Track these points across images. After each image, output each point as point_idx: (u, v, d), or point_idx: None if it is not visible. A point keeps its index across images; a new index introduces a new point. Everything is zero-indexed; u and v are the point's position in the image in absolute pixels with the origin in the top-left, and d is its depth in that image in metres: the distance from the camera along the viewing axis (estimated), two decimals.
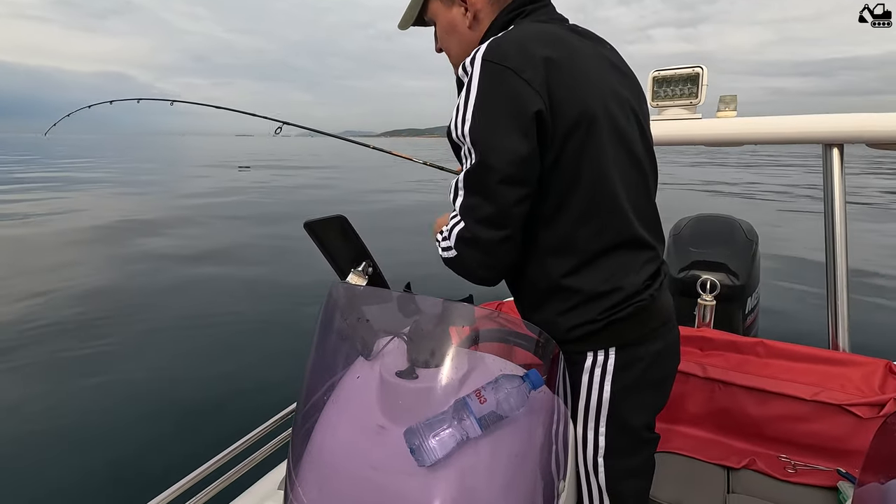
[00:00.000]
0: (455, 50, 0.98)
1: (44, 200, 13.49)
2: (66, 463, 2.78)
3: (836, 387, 1.49)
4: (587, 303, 0.86)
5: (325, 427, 0.82)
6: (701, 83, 1.77)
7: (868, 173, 17.75)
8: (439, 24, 0.98)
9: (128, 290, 5.85)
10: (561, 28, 0.89)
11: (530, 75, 0.77)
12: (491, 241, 0.80)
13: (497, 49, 0.79)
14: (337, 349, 0.91)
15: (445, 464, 0.70)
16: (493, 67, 0.78)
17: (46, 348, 4.27)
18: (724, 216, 2.54)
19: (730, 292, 2.08)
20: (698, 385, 1.63)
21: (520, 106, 0.76)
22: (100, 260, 7.33)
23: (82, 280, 6.23)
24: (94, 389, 3.57)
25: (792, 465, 1.48)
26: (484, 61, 0.79)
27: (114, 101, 2.12)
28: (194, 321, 4.89)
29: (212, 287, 6.00)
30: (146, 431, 3.06)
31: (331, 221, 1.04)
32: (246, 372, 3.85)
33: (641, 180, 0.91)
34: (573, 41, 0.86)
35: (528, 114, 0.76)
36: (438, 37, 1.00)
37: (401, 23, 1.02)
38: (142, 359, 4.07)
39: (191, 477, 1.03)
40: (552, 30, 0.87)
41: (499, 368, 0.80)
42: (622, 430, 0.91)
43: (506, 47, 0.79)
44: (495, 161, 0.77)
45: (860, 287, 5.36)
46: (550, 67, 0.78)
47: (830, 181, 1.65)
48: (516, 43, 0.80)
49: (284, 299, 5.54)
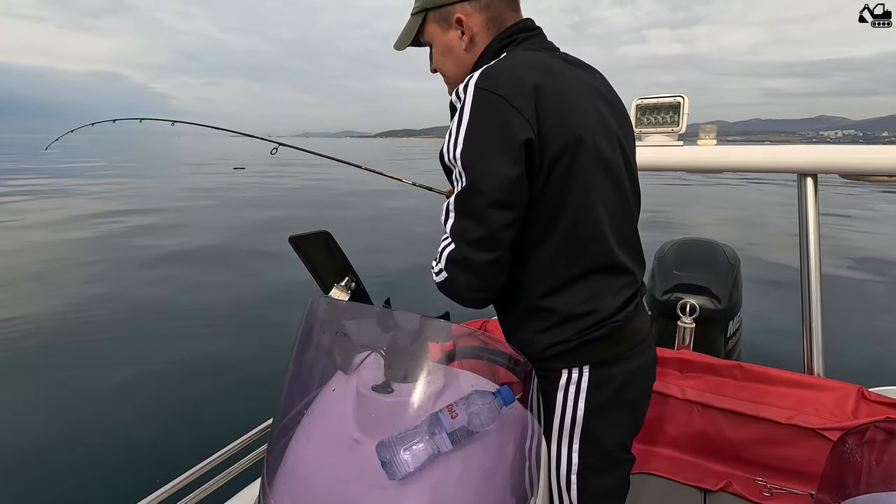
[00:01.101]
0: (451, 71, 1.01)
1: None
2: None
3: (811, 411, 1.51)
4: (563, 323, 0.89)
5: (300, 441, 0.83)
6: (682, 111, 1.83)
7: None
8: (436, 47, 1.01)
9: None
10: (552, 57, 0.93)
11: (521, 104, 0.80)
12: (480, 263, 0.82)
13: (490, 77, 0.82)
14: (315, 363, 0.92)
15: (416, 477, 0.71)
16: (486, 95, 0.81)
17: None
18: (707, 240, 2.59)
19: (712, 315, 2.11)
20: (677, 406, 1.65)
21: (510, 133, 0.79)
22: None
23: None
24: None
25: (768, 489, 1.50)
26: (477, 88, 0.82)
27: (116, 120, 2.14)
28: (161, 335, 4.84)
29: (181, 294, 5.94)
30: (115, 445, 3.00)
31: (315, 237, 1.06)
32: (222, 385, 3.81)
33: (625, 208, 0.94)
34: (563, 70, 0.89)
35: (518, 141, 0.79)
36: (434, 58, 1.03)
37: (397, 44, 1.05)
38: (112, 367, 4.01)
39: (163, 490, 1.02)
40: (543, 59, 0.90)
41: (471, 385, 0.82)
42: (595, 448, 0.93)
43: (498, 75, 0.82)
44: (485, 185, 0.79)
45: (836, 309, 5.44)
46: (540, 97, 0.82)
47: (805, 210, 1.70)
48: (508, 71, 0.83)
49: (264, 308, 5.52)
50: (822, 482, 0.74)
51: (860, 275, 7.26)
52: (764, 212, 13.69)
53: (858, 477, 0.71)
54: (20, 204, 13.64)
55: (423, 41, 1.03)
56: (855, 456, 0.72)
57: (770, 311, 5.32)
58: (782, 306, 5.47)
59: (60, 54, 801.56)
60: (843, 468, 0.71)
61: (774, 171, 1.71)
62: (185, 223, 10.92)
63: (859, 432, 0.80)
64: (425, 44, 1.03)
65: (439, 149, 0.87)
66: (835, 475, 0.73)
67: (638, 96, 1.87)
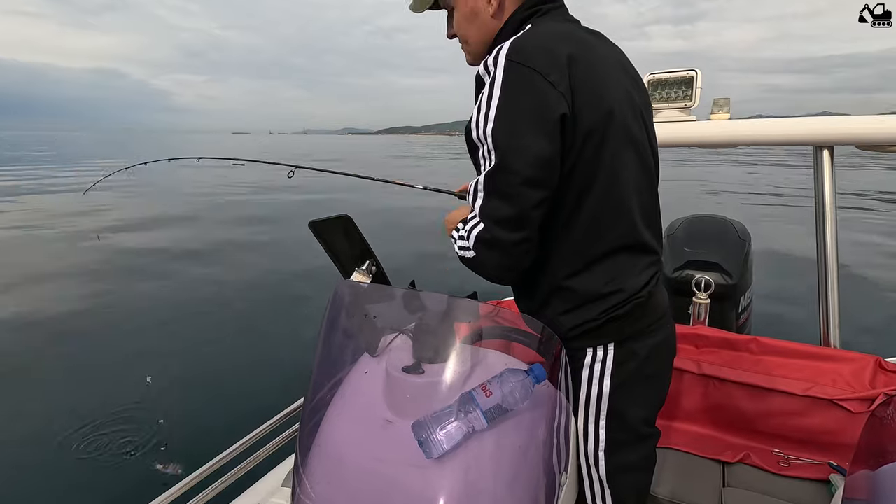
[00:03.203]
0: (474, 37, 0.96)
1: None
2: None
3: (828, 382, 1.52)
4: (589, 303, 0.88)
5: (332, 421, 0.84)
6: (695, 86, 1.80)
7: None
8: (459, 10, 0.95)
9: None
10: (578, 29, 0.90)
11: (556, 78, 0.77)
12: (510, 243, 0.80)
13: (522, 49, 0.79)
14: (343, 346, 0.92)
15: (452, 456, 0.71)
16: (519, 68, 0.78)
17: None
18: (717, 216, 2.58)
19: (723, 291, 2.11)
20: (693, 381, 1.66)
21: (545, 109, 0.77)
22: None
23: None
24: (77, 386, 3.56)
25: (785, 459, 1.52)
26: (508, 61, 0.79)
27: (171, 159, 2.02)
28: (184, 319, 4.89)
29: (205, 285, 6.00)
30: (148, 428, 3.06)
31: (335, 221, 1.05)
32: (253, 366, 3.88)
33: (649, 184, 0.92)
34: (592, 43, 0.87)
35: (554, 117, 0.77)
36: (456, 23, 0.97)
37: (415, 4, 1.00)
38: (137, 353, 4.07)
39: (197, 473, 1.04)
40: (572, 30, 0.87)
41: (503, 363, 0.82)
42: (621, 425, 0.93)
43: (531, 48, 0.79)
44: (518, 163, 0.77)
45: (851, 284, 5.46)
46: (574, 69, 0.79)
47: (821, 182, 1.68)
48: (541, 44, 0.80)
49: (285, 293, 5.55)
50: (857, 452, 0.74)
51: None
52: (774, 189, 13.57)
53: (891, 445, 0.71)
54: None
55: (443, 4, 0.98)
56: (888, 426, 0.73)
57: (780, 285, 5.33)
58: (791, 281, 5.48)
59: (62, 51, 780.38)
60: (876, 438, 0.71)
61: (789, 143, 1.69)
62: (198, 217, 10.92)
63: (885, 403, 0.80)
64: (445, 7, 0.98)
65: (466, 124, 0.84)
66: (867, 446, 0.73)
67: (650, 71, 1.83)
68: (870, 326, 4.33)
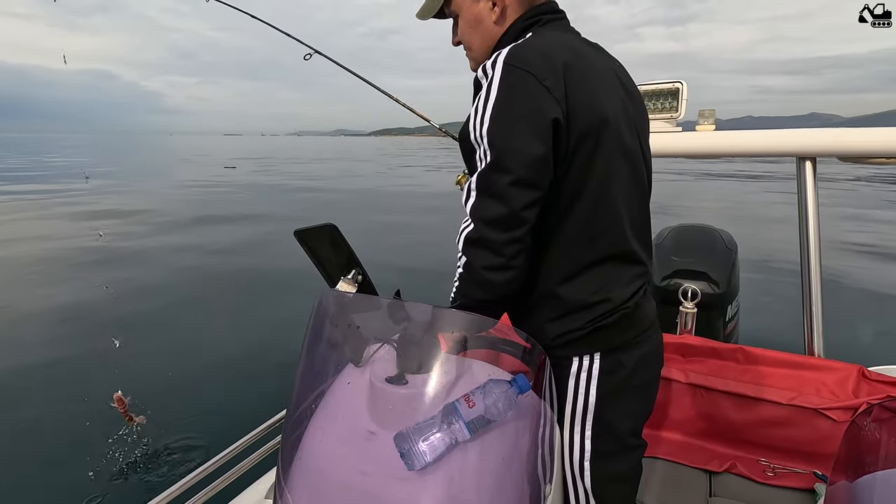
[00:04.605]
0: (477, 44, 0.98)
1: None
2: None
3: (812, 391, 1.53)
4: (575, 312, 0.88)
5: (314, 433, 0.83)
6: (681, 98, 1.82)
7: None
8: (463, 18, 0.97)
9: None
10: (577, 40, 0.92)
11: (551, 83, 0.79)
12: (499, 242, 0.80)
13: (520, 54, 0.81)
14: (327, 356, 0.91)
15: (435, 468, 0.71)
16: (516, 71, 0.79)
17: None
18: (704, 226, 2.60)
19: (710, 300, 2.13)
20: (680, 390, 1.66)
21: (539, 111, 0.78)
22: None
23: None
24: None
25: (771, 469, 1.52)
26: (506, 65, 0.80)
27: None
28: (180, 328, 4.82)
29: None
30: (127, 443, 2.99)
31: (320, 230, 1.04)
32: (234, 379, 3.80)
33: (641, 197, 0.94)
34: (590, 54, 0.89)
35: (547, 120, 0.78)
36: (461, 30, 0.99)
37: (420, 12, 1.01)
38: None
39: (177, 486, 1.02)
40: (570, 40, 0.89)
41: (487, 374, 0.82)
42: (608, 435, 0.93)
43: (528, 53, 0.81)
44: (510, 163, 0.78)
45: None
46: (569, 77, 0.81)
47: (804, 193, 1.71)
48: (539, 50, 0.82)
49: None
50: (838, 461, 0.75)
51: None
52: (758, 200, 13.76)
53: (869, 456, 0.72)
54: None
55: (448, 12, 0.99)
56: (866, 436, 0.73)
57: (765, 295, 5.38)
58: (776, 291, 5.53)
59: (52, 52, 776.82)
60: (855, 448, 0.72)
61: (773, 154, 1.72)
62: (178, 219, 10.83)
63: (866, 413, 0.81)
64: (450, 15, 1.00)
65: (461, 128, 0.85)
66: (846, 457, 0.74)
67: (637, 83, 1.86)
68: (853, 336, 4.38)
